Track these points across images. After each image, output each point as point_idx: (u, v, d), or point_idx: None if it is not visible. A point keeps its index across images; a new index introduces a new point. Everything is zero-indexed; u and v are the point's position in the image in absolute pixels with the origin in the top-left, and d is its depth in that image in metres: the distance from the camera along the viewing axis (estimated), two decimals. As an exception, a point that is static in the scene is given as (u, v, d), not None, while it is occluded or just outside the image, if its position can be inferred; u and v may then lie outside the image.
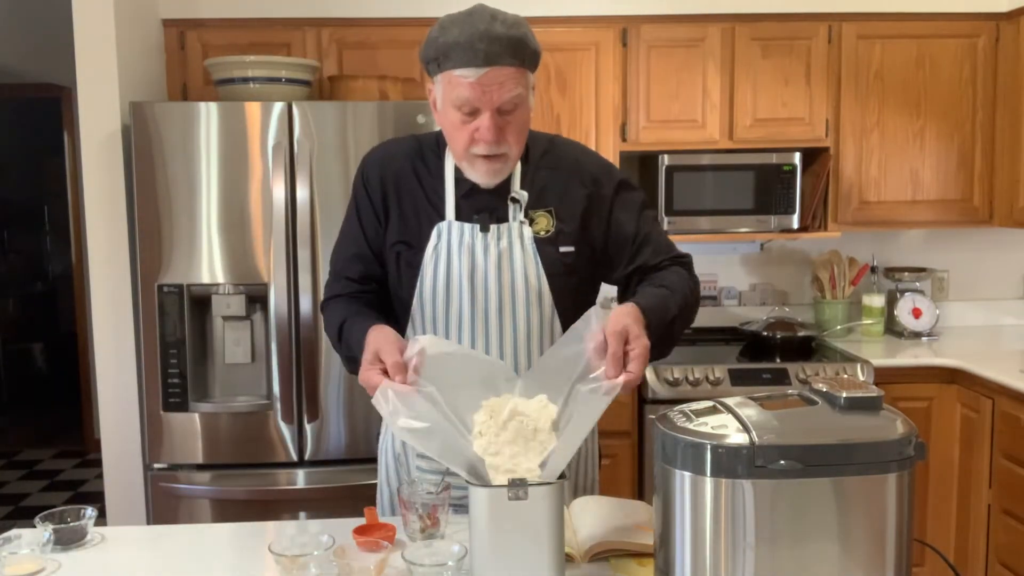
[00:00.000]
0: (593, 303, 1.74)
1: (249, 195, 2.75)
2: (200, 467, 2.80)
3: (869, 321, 3.57)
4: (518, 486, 1.32)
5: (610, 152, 3.30)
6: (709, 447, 1.17)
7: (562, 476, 1.39)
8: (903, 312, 3.56)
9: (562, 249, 1.66)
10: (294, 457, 2.81)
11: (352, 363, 1.62)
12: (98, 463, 3.14)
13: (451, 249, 1.65)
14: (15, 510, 4.63)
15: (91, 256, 2.93)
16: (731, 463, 1.16)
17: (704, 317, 3.73)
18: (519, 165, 1.68)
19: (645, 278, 1.69)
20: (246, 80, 2.89)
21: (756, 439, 1.16)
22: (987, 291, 3.81)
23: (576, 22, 3.28)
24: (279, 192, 2.72)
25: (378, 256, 1.73)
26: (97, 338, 2.93)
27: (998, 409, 2.90)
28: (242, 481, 2.78)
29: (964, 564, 3.07)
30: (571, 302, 1.68)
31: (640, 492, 3.08)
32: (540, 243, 1.66)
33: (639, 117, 3.31)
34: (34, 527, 1.59)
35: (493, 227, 1.65)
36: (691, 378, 3.04)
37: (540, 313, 1.66)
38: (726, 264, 3.75)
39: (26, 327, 6.93)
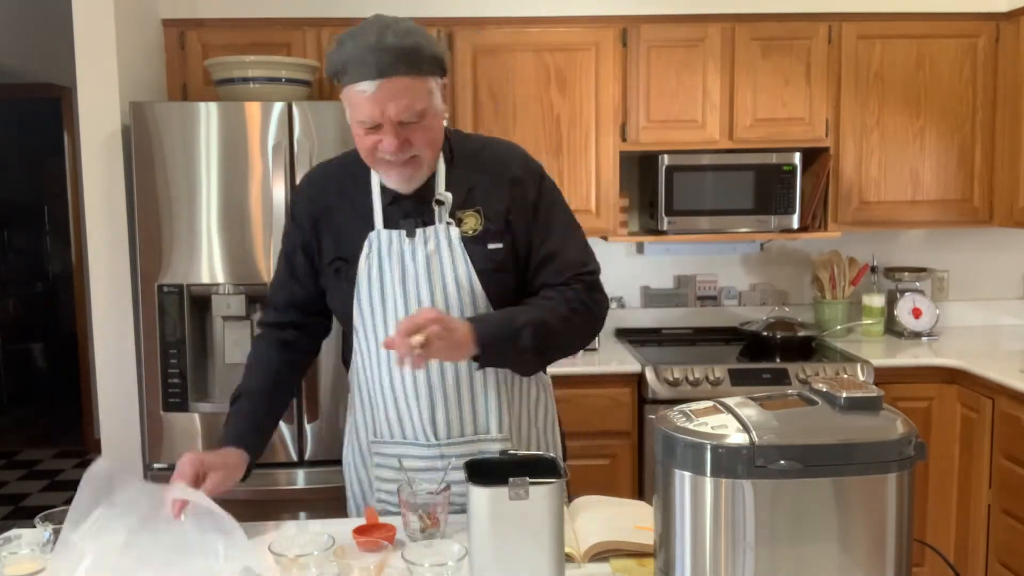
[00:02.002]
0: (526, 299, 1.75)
1: (249, 195, 2.75)
2: (200, 467, 2.80)
3: (869, 321, 3.57)
4: (518, 485, 1.32)
5: (610, 152, 3.30)
6: (709, 447, 1.17)
7: (563, 475, 1.39)
8: (903, 312, 3.56)
9: (491, 246, 1.68)
10: (294, 457, 2.81)
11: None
12: (98, 463, 3.14)
13: (382, 257, 1.68)
14: (15, 510, 4.63)
15: (91, 256, 2.93)
16: (731, 463, 1.16)
17: (704, 317, 3.74)
18: (443, 167, 1.70)
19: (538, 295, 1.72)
20: (246, 80, 2.89)
21: (756, 439, 1.16)
22: (987, 291, 3.81)
23: (576, 22, 3.28)
24: (279, 192, 2.72)
25: (303, 282, 1.79)
26: (97, 338, 2.93)
27: (998, 409, 2.90)
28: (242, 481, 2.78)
29: (964, 564, 3.07)
30: (505, 298, 1.69)
31: (640, 492, 3.08)
32: (469, 242, 1.68)
33: (639, 117, 3.31)
34: (34, 527, 1.58)
35: (419, 231, 1.67)
36: (691, 378, 3.04)
37: (474, 310, 1.67)
38: (726, 264, 3.75)
39: (26, 327, 6.93)
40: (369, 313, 1.70)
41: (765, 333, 3.37)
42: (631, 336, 3.58)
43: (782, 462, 1.15)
